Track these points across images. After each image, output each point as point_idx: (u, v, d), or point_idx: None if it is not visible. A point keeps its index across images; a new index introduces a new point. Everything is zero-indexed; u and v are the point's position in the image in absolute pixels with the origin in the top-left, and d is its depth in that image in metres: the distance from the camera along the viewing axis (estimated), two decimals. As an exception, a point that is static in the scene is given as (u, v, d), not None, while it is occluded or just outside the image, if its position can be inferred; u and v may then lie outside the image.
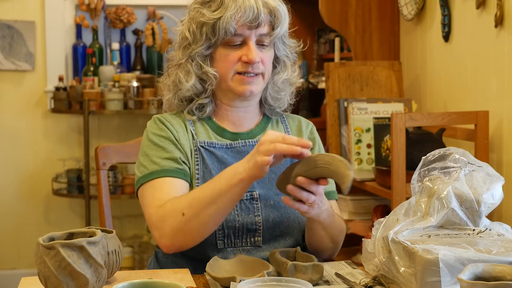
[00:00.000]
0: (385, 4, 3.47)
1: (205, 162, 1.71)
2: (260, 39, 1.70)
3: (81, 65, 4.28)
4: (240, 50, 1.69)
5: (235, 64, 1.70)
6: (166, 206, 1.61)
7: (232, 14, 1.65)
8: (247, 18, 1.65)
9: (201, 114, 1.77)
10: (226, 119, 1.79)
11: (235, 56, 1.69)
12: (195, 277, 1.54)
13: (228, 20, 1.65)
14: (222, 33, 1.67)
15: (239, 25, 1.66)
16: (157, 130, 1.74)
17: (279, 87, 1.79)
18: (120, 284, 1.23)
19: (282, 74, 1.77)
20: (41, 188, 4.30)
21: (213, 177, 1.65)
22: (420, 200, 1.48)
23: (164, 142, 1.71)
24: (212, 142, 1.74)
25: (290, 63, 1.79)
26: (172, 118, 1.77)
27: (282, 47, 1.76)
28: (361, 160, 3.12)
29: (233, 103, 1.77)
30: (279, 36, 1.72)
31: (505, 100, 2.63)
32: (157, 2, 4.42)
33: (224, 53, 1.70)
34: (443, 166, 1.50)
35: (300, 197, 1.51)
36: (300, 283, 1.31)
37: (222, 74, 1.72)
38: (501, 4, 2.60)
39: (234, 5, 1.65)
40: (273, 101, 1.80)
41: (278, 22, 1.69)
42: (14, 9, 4.22)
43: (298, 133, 1.84)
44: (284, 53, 1.77)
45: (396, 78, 3.26)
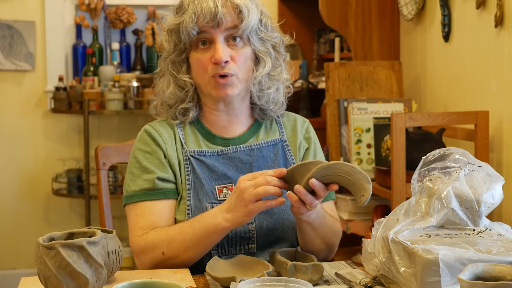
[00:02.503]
0: (385, 4, 3.47)
1: (195, 172, 1.70)
2: (229, 36, 1.68)
3: (81, 65, 4.28)
4: (209, 51, 1.68)
5: (208, 67, 1.68)
6: (147, 239, 1.65)
7: (190, 16, 1.66)
8: (205, 17, 1.65)
9: (185, 119, 1.76)
10: (215, 123, 1.76)
11: (206, 58, 1.68)
12: (195, 277, 1.54)
13: (187, 22, 1.66)
14: (186, 37, 1.68)
15: (200, 26, 1.66)
16: (143, 145, 1.74)
17: (262, 83, 1.73)
18: (120, 284, 1.23)
19: (263, 70, 1.72)
20: (41, 188, 4.30)
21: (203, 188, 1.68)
22: (420, 200, 1.48)
23: (148, 158, 1.72)
24: (202, 150, 1.72)
25: (272, 58, 1.75)
26: (161, 126, 1.76)
27: (259, 42, 1.72)
28: (361, 160, 3.12)
29: (217, 107, 1.75)
30: (248, 31, 1.68)
31: (505, 100, 2.63)
32: (157, 2, 4.42)
33: (196, 57, 1.70)
34: (443, 166, 1.50)
35: (305, 200, 1.49)
36: (300, 283, 1.31)
37: (199, 79, 1.72)
38: (501, 4, 2.60)
39: (192, 7, 1.66)
40: (259, 100, 1.75)
41: (242, 17, 1.67)
42: (14, 9, 4.22)
43: (292, 133, 1.81)
44: (263, 49, 1.73)
45: (396, 78, 3.26)
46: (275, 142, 1.78)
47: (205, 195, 1.68)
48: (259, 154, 1.74)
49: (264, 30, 1.73)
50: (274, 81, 1.76)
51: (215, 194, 1.69)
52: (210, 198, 1.68)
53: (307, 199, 1.49)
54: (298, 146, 1.79)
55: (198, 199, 1.68)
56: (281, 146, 1.78)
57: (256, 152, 1.74)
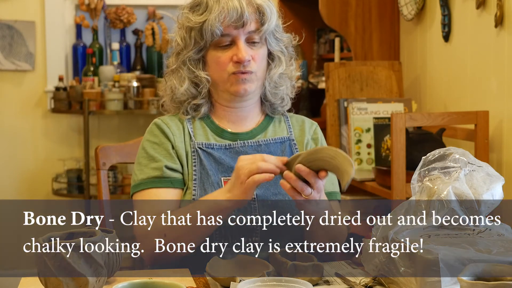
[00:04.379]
0: (385, 4, 3.47)
1: (202, 163, 1.73)
2: (250, 37, 1.72)
3: (81, 65, 4.28)
4: (230, 50, 1.72)
5: (227, 65, 1.72)
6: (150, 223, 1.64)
7: (216, 16, 1.68)
8: (231, 18, 1.68)
9: (196, 114, 1.79)
10: (225, 119, 1.80)
11: (226, 57, 1.72)
12: (195, 277, 1.54)
13: (213, 22, 1.68)
14: (209, 36, 1.70)
15: (224, 26, 1.69)
16: (151, 137, 1.77)
17: (276, 82, 1.79)
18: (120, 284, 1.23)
19: (278, 69, 1.78)
20: (41, 188, 4.30)
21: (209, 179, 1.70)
22: (420, 200, 1.48)
23: (156, 149, 1.74)
24: (210, 143, 1.75)
25: (286, 57, 1.80)
26: (171, 120, 1.80)
27: (275, 42, 1.77)
28: (361, 160, 3.12)
29: (230, 103, 1.78)
30: (268, 32, 1.73)
31: (505, 100, 2.63)
32: (157, 2, 4.42)
33: (215, 55, 1.73)
34: (443, 166, 1.50)
35: (295, 186, 1.52)
36: (300, 283, 1.31)
37: (216, 76, 1.75)
38: (501, 4, 2.60)
39: (217, 7, 1.69)
40: (273, 97, 1.80)
41: (265, 19, 1.72)
42: (14, 9, 4.22)
43: (300, 133, 1.84)
44: (278, 48, 1.78)
45: (396, 78, 3.26)
46: (283, 140, 1.81)
47: (210, 186, 1.70)
48: (266, 150, 1.77)
49: (278, 30, 1.78)
50: (286, 79, 1.81)
51: (221, 186, 1.71)
52: (215, 189, 1.70)
53: (298, 185, 1.52)
54: (305, 145, 1.82)
55: (204, 190, 1.70)
56: (289, 144, 1.81)
57: (264, 148, 1.77)
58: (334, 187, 1.81)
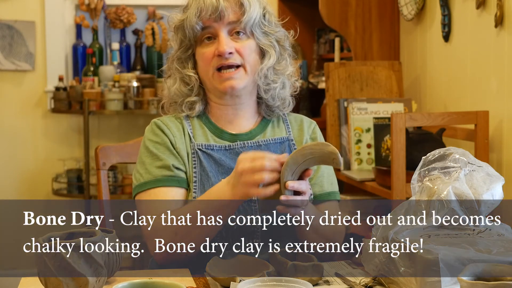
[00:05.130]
0: (385, 4, 3.47)
1: (202, 165, 1.73)
2: (232, 28, 1.73)
3: (81, 65, 4.28)
4: (213, 45, 1.73)
5: (212, 60, 1.73)
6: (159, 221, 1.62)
7: (194, 11, 1.72)
8: (207, 11, 1.71)
9: (191, 112, 1.79)
10: (222, 118, 1.80)
11: (210, 52, 1.73)
12: (195, 277, 1.54)
13: (191, 17, 1.72)
14: (190, 32, 1.74)
15: (204, 20, 1.72)
16: (152, 136, 1.77)
17: (267, 77, 1.77)
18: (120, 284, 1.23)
19: (267, 62, 1.76)
20: (41, 188, 4.30)
21: (210, 181, 1.70)
22: (420, 200, 1.48)
23: (159, 148, 1.74)
24: (209, 144, 1.75)
25: (276, 51, 1.78)
26: (170, 121, 1.79)
27: (262, 36, 1.76)
28: (361, 160, 3.12)
29: (222, 101, 1.78)
30: (251, 23, 1.73)
31: (505, 100, 2.63)
32: (157, 2, 4.42)
33: (201, 52, 1.75)
34: (443, 166, 1.50)
35: (295, 204, 1.53)
36: (300, 283, 1.31)
37: (203, 73, 1.76)
38: (501, 4, 2.60)
39: (195, 3, 1.73)
40: (265, 94, 1.78)
41: (244, 10, 1.72)
42: (14, 9, 4.22)
43: (299, 132, 1.83)
44: (267, 42, 1.77)
45: (396, 78, 3.26)
46: (282, 140, 1.80)
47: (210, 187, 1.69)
48: (266, 150, 1.76)
49: (267, 25, 1.77)
50: (279, 75, 1.79)
51: None
52: None
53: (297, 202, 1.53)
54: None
55: (204, 192, 1.69)
56: (288, 144, 1.81)
57: (263, 149, 1.77)
58: (334, 187, 1.81)
